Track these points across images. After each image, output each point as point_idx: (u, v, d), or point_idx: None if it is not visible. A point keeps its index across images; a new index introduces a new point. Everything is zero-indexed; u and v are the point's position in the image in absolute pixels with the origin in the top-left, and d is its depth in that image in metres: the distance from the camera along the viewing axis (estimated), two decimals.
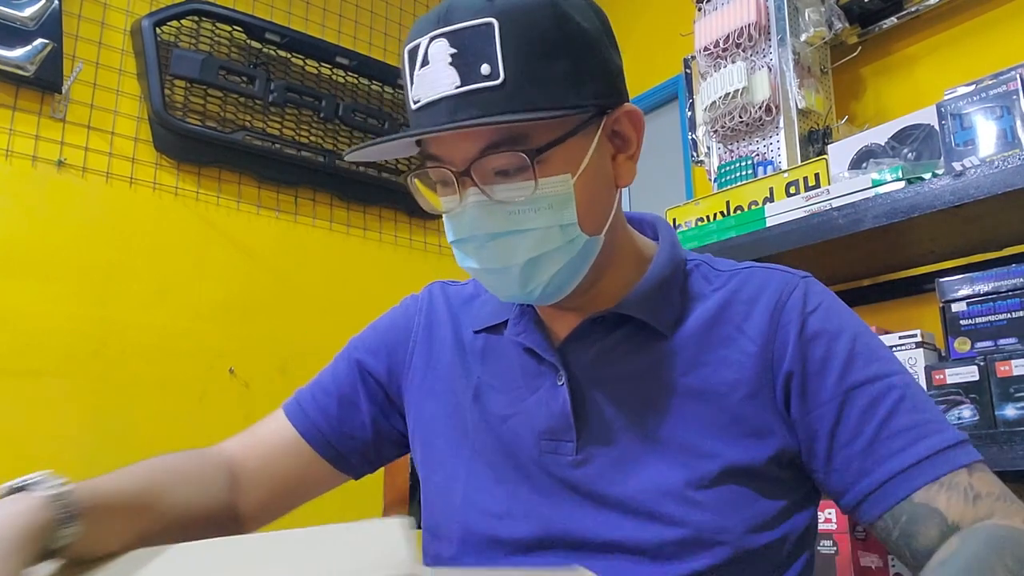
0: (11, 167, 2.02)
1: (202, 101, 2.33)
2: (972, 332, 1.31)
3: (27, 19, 1.99)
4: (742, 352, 0.73)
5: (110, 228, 2.15)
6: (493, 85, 0.65)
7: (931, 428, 0.69)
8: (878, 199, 1.35)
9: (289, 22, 2.56)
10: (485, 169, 0.68)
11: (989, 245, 1.53)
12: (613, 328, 0.76)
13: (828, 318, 0.73)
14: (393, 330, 0.89)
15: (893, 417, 0.69)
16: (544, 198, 0.68)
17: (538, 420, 0.75)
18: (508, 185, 0.68)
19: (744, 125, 1.81)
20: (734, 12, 1.82)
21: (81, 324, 2.06)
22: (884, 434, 0.69)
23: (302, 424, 0.86)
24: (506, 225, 0.69)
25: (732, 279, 0.78)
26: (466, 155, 0.68)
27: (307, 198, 2.55)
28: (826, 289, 0.78)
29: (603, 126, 0.72)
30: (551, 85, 0.67)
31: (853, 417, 0.70)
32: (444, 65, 0.66)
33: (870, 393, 0.70)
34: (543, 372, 0.77)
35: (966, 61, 1.73)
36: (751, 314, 0.74)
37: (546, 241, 0.69)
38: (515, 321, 0.80)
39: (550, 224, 0.69)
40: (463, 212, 0.70)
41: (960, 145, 1.34)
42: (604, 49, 0.72)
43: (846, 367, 0.71)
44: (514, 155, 0.67)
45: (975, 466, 0.68)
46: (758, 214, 1.57)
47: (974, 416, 1.24)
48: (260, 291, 2.38)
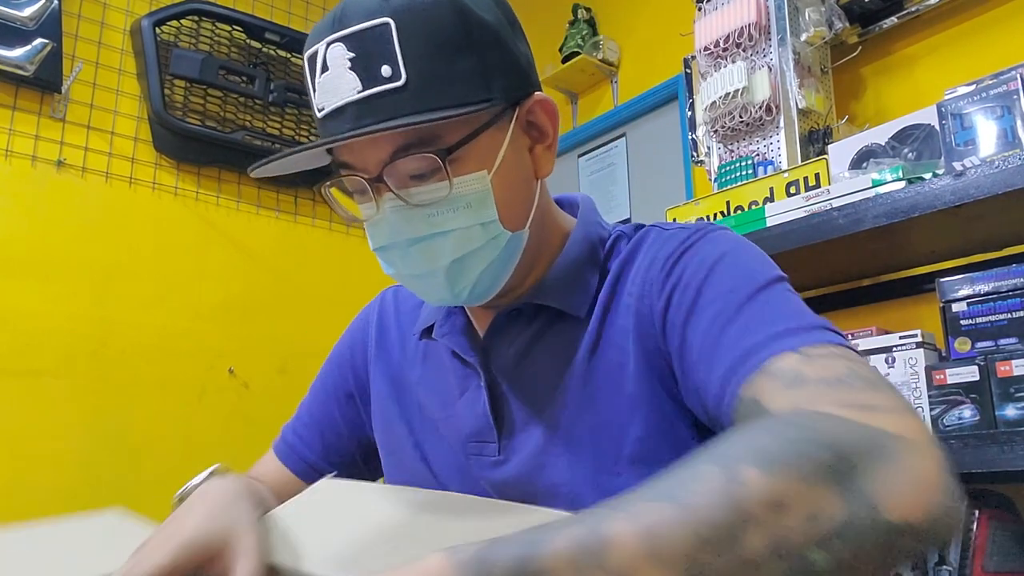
0: (11, 167, 2.02)
1: (202, 101, 2.33)
2: (972, 332, 1.31)
3: (27, 19, 1.99)
4: (629, 314, 0.70)
5: (110, 228, 2.15)
6: (396, 87, 0.63)
7: (767, 319, 0.61)
8: (878, 199, 1.35)
9: (289, 22, 2.56)
10: (399, 173, 0.66)
11: (989, 245, 1.53)
12: (531, 319, 0.75)
13: (698, 250, 0.69)
14: (352, 344, 0.91)
15: (734, 320, 0.62)
16: (461, 197, 0.67)
17: (464, 423, 0.75)
18: (423, 188, 0.66)
19: (744, 125, 1.80)
20: (734, 12, 1.82)
21: (81, 324, 2.06)
22: (722, 339, 0.61)
23: (295, 465, 0.89)
24: (426, 228, 0.67)
25: (630, 245, 0.75)
26: (377, 160, 0.66)
27: (307, 198, 2.55)
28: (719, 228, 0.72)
29: (516, 118, 0.70)
30: (456, 82, 0.65)
31: (698, 332, 0.64)
32: (344, 70, 0.64)
33: (716, 306, 0.64)
34: (468, 374, 0.76)
35: (966, 61, 1.73)
36: (637, 275, 0.72)
37: (468, 241, 0.68)
38: (441, 323, 0.80)
39: (470, 223, 0.67)
40: (381, 219, 0.68)
41: (960, 145, 1.33)
42: (509, 41, 0.70)
43: (701, 288, 0.66)
44: (425, 157, 0.65)
45: (815, 349, 0.57)
46: (758, 214, 1.57)
47: (974, 416, 1.23)
48: (260, 291, 2.38)
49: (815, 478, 0.43)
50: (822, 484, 0.43)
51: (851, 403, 0.50)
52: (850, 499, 0.43)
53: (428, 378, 0.81)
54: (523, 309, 0.75)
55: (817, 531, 0.41)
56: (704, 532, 0.41)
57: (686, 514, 0.42)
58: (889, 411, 0.49)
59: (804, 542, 0.41)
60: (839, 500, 0.42)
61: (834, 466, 0.44)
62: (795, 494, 0.42)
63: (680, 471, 0.45)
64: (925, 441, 0.48)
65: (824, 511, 0.42)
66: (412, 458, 0.80)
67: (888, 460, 0.45)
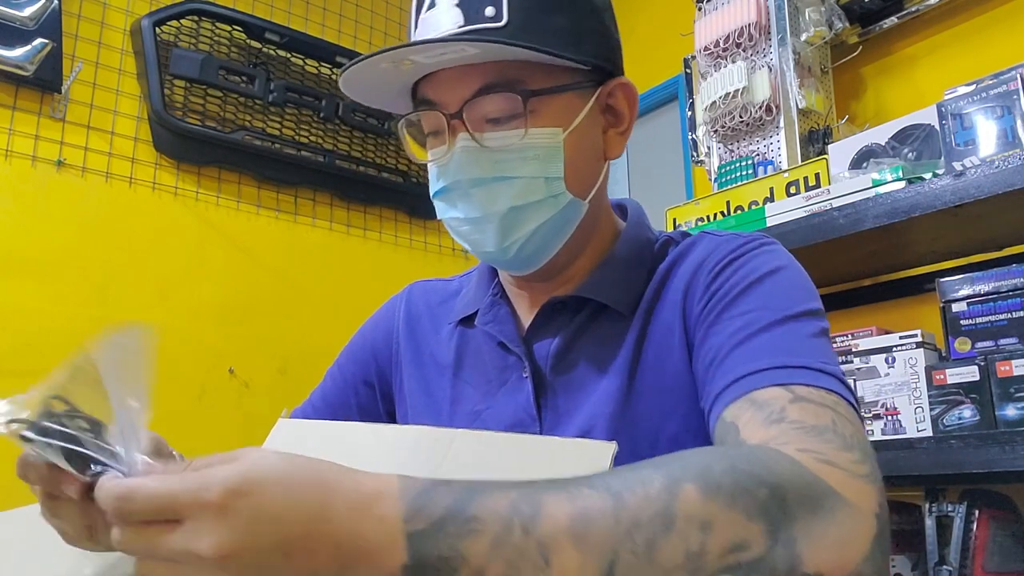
0: (11, 167, 2.02)
1: (202, 101, 2.33)
2: (972, 332, 1.31)
3: (27, 19, 1.99)
4: (675, 311, 0.71)
5: (110, 228, 2.15)
6: (496, 26, 0.66)
7: (780, 348, 0.61)
8: (878, 199, 1.35)
9: (289, 22, 2.56)
10: (477, 114, 0.68)
11: (989, 245, 1.53)
12: (575, 312, 0.76)
13: (748, 260, 0.70)
14: (376, 333, 0.90)
15: (751, 340, 0.63)
16: (532, 148, 0.69)
17: (505, 413, 0.75)
18: (497, 132, 0.68)
19: (744, 125, 1.80)
20: (734, 12, 1.82)
21: (81, 324, 2.05)
22: (733, 354, 0.63)
23: None
24: (491, 171, 0.69)
25: (679, 249, 0.76)
26: (460, 96, 0.68)
27: (307, 198, 2.55)
28: (771, 242, 0.73)
29: (597, 96, 0.73)
30: (553, 34, 0.68)
31: (717, 338, 0.65)
32: (450, 6, 0.67)
33: (742, 320, 0.65)
34: (511, 364, 0.77)
35: (966, 61, 1.73)
36: (685, 275, 0.73)
37: (530, 192, 0.69)
38: (485, 311, 0.80)
39: (536, 174, 0.69)
40: (450, 158, 0.69)
41: (960, 145, 1.33)
42: (606, 18, 0.73)
43: (736, 298, 0.67)
44: (508, 98, 0.67)
45: (809, 391, 0.57)
46: (758, 214, 1.57)
47: (974, 416, 1.23)
48: (260, 291, 2.37)
49: (748, 511, 0.45)
50: (752, 519, 0.45)
51: (815, 453, 0.51)
52: (773, 540, 0.44)
53: (466, 369, 0.80)
54: (568, 302, 0.75)
55: (734, 559, 0.44)
56: (629, 529, 0.43)
57: (618, 509, 0.43)
58: (848, 472, 0.51)
59: (718, 566, 0.43)
60: (763, 538, 0.44)
61: (769, 506, 0.45)
62: (723, 520, 0.44)
63: (627, 471, 0.47)
64: (869, 509, 0.49)
65: (745, 543, 0.44)
66: None
67: (824, 516, 0.47)
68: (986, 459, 1.15)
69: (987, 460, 1.15)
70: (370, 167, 2.62)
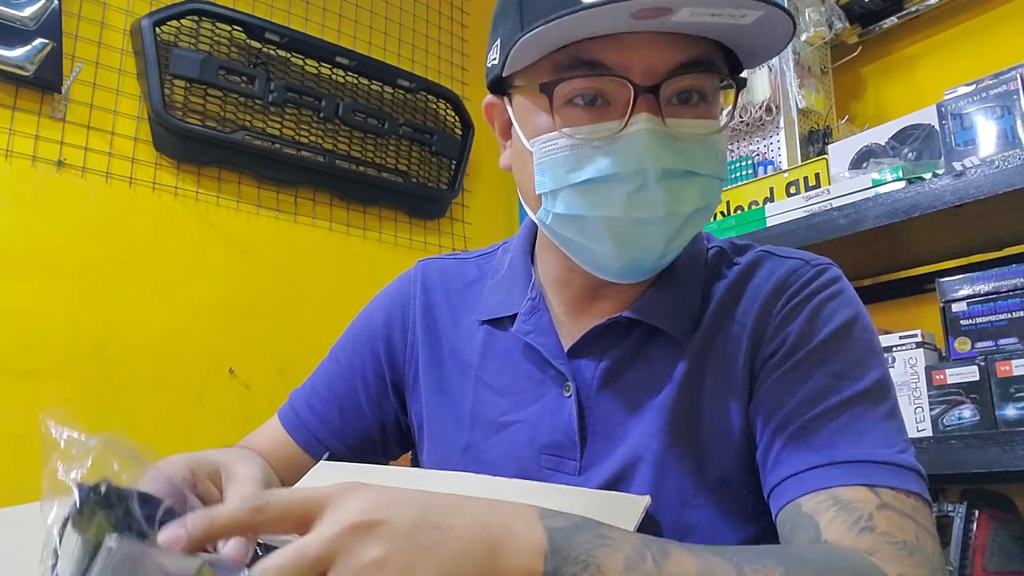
0: (10, 167, 2.02)
1: (202, 101, 2.33)
2: (972, 332, 1.31)
3: (27, 19, 1.99)
4: (740, 344, 0.66)
5: (110, 228, 2.15)
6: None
7: (860, 432, 0.58)
8: (878, 199, 1.35)
9: (289, 22, 2.56)
10: (670, 91, 0.58)
11: (989, 245, 1.53)
12: (624, 335, 0.69)
13: (820, 305, 0.65)
14: (389, 321, 0.82)
15: (826, 418, 0.60)
16: (717, 141, 0.60)
17: (541, 432, 0.69)
18: (686, 121, 0.57)
19: (744, 125, 1.80)
20: None
21: (81, 324, 2.05)
22: (806, 432, 0.59)
23: (303, 437, 0.82)
24: (682, 163, 0.57)
25: (739, 271, 0.70)
26: (658, 69, 0.56)
27: (307, 198, 2.54)
28: (838, 280, 0.69)
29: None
30: None
31: (786, 400, 0.61)
32: None
33: (815, 386, 0.61)
34: (548, 379, 0.70)
35: (966, 61, 1.73)
36: (751, 306, 0.67)
37: (710, 193, 0.60)
38: (525, 317, 0.72)
39: (716, 174, 0.60)
40: (628, 140, 0.56)
41: (960, 145, 1.33)
42: None
43: (809, 354, 0.62)
44: (709, 81, 0.58)
45: (894, 496, 0.56)
46: (758, 214, 1.57)
47: (974, 416, 1.23)
48: (260, 291, 2.37)
49: None
50: None
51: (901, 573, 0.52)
52: None
53: (490, 373, 0.74)
54: (620, 322, 0.68)
55: None
56: None
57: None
58: None
59: None
60: None
61: None
62: None
63: (748, 551, 0.49)
64: None
65: None
66: (460, 461, 0.74)
67: None
68: (986, 459, 1.15)
69: (987, 460, 1.15)
70: (370, 167, 2.61)
